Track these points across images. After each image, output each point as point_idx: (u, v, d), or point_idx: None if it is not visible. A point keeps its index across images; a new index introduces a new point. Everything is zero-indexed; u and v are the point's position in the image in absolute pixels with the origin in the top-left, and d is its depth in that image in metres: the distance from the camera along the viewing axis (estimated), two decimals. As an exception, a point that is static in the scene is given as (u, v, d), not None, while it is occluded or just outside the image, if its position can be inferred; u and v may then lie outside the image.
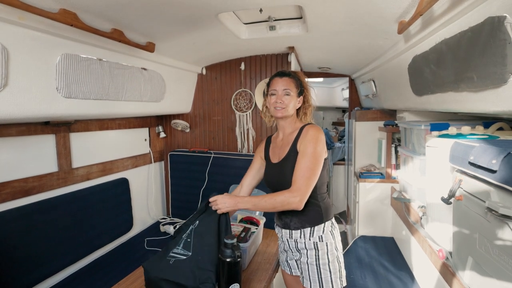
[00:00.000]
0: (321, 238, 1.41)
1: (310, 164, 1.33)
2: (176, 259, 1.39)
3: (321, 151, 1.37)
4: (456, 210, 1.46)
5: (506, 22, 0.91)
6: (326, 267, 1.40)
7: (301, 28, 2.05)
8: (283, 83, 1.46)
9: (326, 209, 1.45)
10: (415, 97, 1.95)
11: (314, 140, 1.36)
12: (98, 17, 1.50)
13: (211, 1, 1.47)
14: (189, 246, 1.41)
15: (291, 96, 1.45)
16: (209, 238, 1.41)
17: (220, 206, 1.40)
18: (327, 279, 1.40)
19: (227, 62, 2.94)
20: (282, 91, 1.45)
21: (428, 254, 1.80)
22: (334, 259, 1.42)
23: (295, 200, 1.30)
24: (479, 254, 1.24)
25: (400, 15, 1.51)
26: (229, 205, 1.39)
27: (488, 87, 1.10)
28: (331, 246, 1.42)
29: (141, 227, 2.86)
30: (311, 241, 1.42)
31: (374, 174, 3.00)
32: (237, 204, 1.40)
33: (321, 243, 1.41)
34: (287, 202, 1.31)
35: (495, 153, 1.07)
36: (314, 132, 1.39)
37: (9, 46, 1.28)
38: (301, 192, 1.31)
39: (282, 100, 1.44)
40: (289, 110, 1.46)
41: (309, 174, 1.32)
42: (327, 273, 1.40)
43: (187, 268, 1.34)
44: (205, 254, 1.38)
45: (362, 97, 3.75)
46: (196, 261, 1.36)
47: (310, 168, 1.32)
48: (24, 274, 1.77)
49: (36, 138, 1.94)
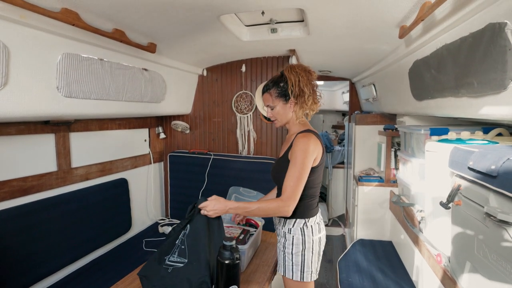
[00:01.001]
0: (290, 230, 1.53)
1: (298, 175, 1.41)
2: (174, 267, 1.39)
3: (308, 163, 1.44)
4: (454, 215, 1.46)
5: (507, 28, 0.92)
6: (290, 256, 1.53)
7: (303, 31, 2.06)
8: (264, 99, 1.58)
9: (303, 210, 1.52)
10: (415, 101, 1.96)
11: (302, 152, 1.43)
12: (100, 17, 1.50)
13: (213, 3, 1.47)
14: (185, 253, 1.41)
15: (276, 107, 1.54)
16: (201, 242, 1.41)
17: (210, 213, 1.42)
18: (289, 266, 1.54)
19: (228, 64, 2.94)
20: (266, 107, 1.57)
21: (426, 259, 1.80)
22: (298, 252, 1.52)
23: (288, 209, 1.39)
24: (477, 259, 1.24)
25: (401, 20, 1.51)
26: (219, 210, 1.41)
27: (488, 93, 1.10)
28: (297, 241, 1.52)
29: (139, 228, 2.85)
30: (282, 230, 1.57)
31: (373, 178, 2.99)
32: (227, 210, 1.42)
33: (288, 234, 1.54)
34: (279, 211, 1.40)
35: (494, 158, 1.07)
36: (302, 145, 1.44)
37: (10, 45, 1.28)
38: (291, 201, 1.40)
39: (271, 114, 1.58)
40: (282, 120, 1.57)
41: (297, 183, 1.41)
42: (289, 261, 1.54)
43: (184, 276, 1.35)
44: (199, 259, 1.39)
45: (362, 101, 3.75)
46: (191, 268, 1.37)
47: (298, 178, 1.41)
48: (22, 274, 1.76)
49: (35, 137, 1.94)
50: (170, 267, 1.39)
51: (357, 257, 2.55)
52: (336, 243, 3.89)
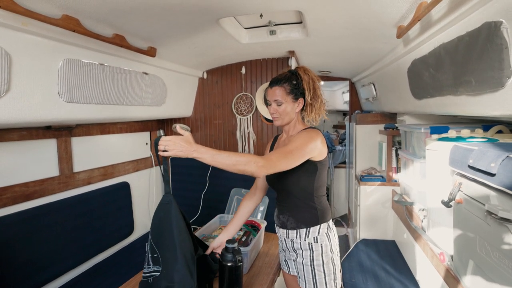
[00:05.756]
0: (316, 239, 1.43)
1: (293, 149, 1.29)
2: (153, 276, 1.31)
3: (309, 150, 1.33)
4: (456, 213, 1.46)
5: (503, 27, 0.92)
6: (321, 269, 1.42)
7: (301, 33, 2.07)
8: (273, 94, 1.45)
9: (323, 211, 1.47)
10: (414, 100, 1.96)
11: (306, 137, 1.35)
12: (100, 23, 1.51)
13: (212, 7, 1.48)
14: (158, 261, 1.32)
15: (284, 104, 1.44)
16: (167, 243, 1.32)
17: (171, 147, 1.15)
18: (321, 280, 1.42)
19: (228, 66, 2.96)
20: (273, 102, 1.45)
21: (429, 258, 1.80)
22: (328, 260, 1.43)
23: (259, 164, 1.18)
24: (479, 258, 1.24)
25: (398, 20, 1.52)
26: (184, 150, 1.15)
27: (486, 91, 1.10)
28: (325, 248, 1.43)
29: (142, 231, 2.86)
30: (306, 242, 1.44)
31: (375, 177, 3.00)
32: (192, 152, 1.16)
33: (315, 244, 1.43)
34: (250, 166, 1.18)
35: (493, 156, 1.08)
36: (308, 132, 1.39)
37: (12, 52, 1.30)
38: (269, 162, 1.21)
39: (275, 110, 1.46)
40: (285, 119, 1.47)
41: (286, 154, 1.27)
42: (321, 274, 1.42)
43: (162, 284, 1.27)
44: (170, 262, 1.29)
45: (362, 100, 3.75)
46: (165, 274, 1.28)
47: (290, 151, 1.28)
48: (25, 279, 1.77)
49: (37, 142, 1.95)
50: (150, 277, 1.31)
51: (361, 257, 2.55)
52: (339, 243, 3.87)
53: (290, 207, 1.48)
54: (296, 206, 1.46)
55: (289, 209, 1.48)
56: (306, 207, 1.45)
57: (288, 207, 1.49)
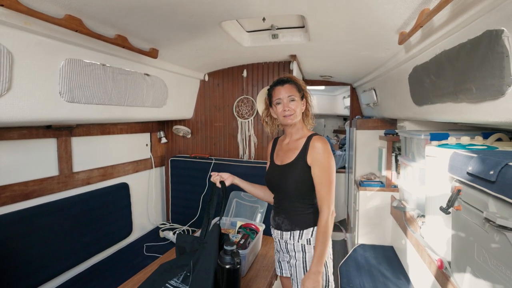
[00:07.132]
0: (309, 241, 1.44)
1: (330, 177, 1.40)
2: None
3: (334, 163, 1.45)
4: (455, 220, 1.46)
5: (504, 35, 0.93)
6: None
7: (303, 37, 2.08)
8: (286, 90, 1.46)
9: (318, 214, 1.46)
10: (415, 106, 1.97)
11: (327, 154, 1.42)
12: (102, 23, 1.52)
13: (214, 10, 1.49)
14: (188, 280, 1.39)
15: (296, 101, 1.46)
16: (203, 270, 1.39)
17: None
18: None
19: (229, 69, 2.97)
20: (287, 98, 1.45)
21: (427, 264, 1.79)
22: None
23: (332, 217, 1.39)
24: (477, 265, 1.24)
25: (400, 26, 1.53)
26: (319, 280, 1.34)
27: (486, 98, 1.11)
28: None
29: (140, 233, 2.85)
30: (299, 243, 1.46)
31: (374, 183, 2.99)
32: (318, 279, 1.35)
33: (308, 246, 1.44)
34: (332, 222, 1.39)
35: (492, 164, 1.08)
36: (324, 146, 1.43)
37: (14, 51, 1.30)
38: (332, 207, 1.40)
39: (289, 107, 1.45)
40: (297, 115, 1.47)
41: (331, 187, 1.41)
42: None
43: None
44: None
45: (363, 106, 3.76)
46: None
47: (331, 181, 1.41)
48: (23, 278, 1.76)
49: (37, 141, 1.95)
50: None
51: (359, 262, 2.55)
52: (338, 248, 3.88)
53: (286, 210, 1.50)
54: (292, 209, 1.48)
55: (285, 212, 1.50)
56: (302, 210, 1.46)
57: (284, 210, 1.50)
